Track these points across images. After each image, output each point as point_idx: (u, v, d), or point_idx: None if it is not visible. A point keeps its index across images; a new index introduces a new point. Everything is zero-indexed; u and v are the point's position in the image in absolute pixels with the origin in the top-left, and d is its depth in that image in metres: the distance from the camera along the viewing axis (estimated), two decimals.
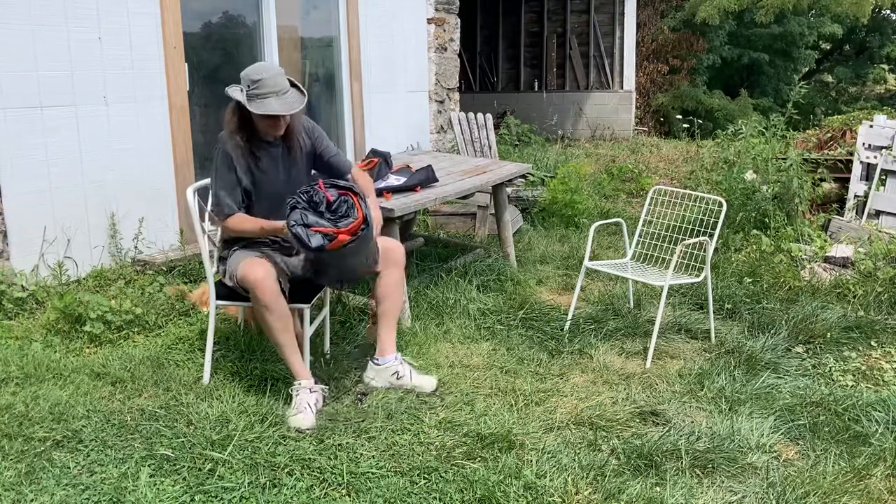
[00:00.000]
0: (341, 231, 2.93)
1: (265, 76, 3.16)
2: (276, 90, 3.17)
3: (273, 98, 3.17)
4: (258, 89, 3.15)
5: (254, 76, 3.16)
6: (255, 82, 3.15)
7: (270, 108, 3.16)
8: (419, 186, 4.35)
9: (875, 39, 17.76)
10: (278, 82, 3.19)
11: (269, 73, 3.18)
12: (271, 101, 3.16)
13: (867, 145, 6.63)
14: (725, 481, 2.76)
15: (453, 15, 7.82)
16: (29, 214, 4.46)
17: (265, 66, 3.27)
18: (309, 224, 2.92)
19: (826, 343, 4.02)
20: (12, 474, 2.65)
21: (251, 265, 3.14)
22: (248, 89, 3.16)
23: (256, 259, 3.19)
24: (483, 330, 4.13)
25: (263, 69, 3.20)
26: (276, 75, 3.19)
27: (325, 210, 2.97)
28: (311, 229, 2.91)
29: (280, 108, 3.18)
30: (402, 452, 2.87)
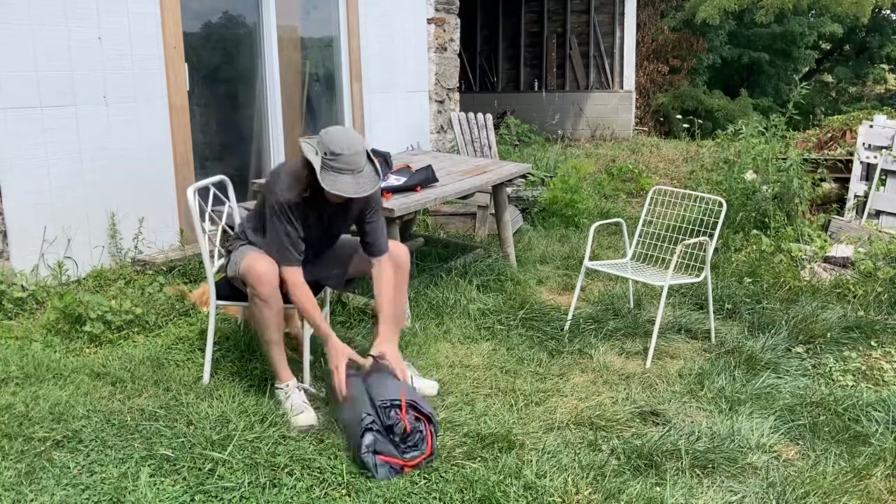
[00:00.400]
0: (407, 463, 2.79)
1: (346, 153, 2.96)
2: (352, 168, 2.99)
3: (349, 176, 2.98)
4: (335, 162, 2.96)
5: (334, 148, 2.97)
6: (334, 155, 2.96)
7: (343, 189, 2.97)
8: (419, 186, 4.35)
9: (875, 39, 17.76)
10: (357, 161, 3.00)
11: (351, 150, 2.98)
12: (346, 180, 2.98)
13: (867, 145, 6.63)
14: (725, 481, 2.76)
15: (453, 15, 7.82)
16: (29, 214, 4.46)
17: (348, 139, 3.02)
18: (379, 451, 2.75)
19: (826, 343, 4.02)
20: (12, 474, 2.65)
21: (256, 258, 3.12)
22: (324, 157, 2.97)
23: (262, 254, 3.18)
24: (483, 330, 4.13)
25: (346, 144, 2.99)
26: (357, 154, 3.00)
27: (399, 440, 2.81)
28: (380, 458, 2.75)
29: (352, 191, 2.99)
30: None
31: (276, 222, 3.10)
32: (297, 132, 6.29)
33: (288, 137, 6.12)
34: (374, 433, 2.76)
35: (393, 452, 2.76)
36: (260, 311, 3.11)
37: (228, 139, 5.94)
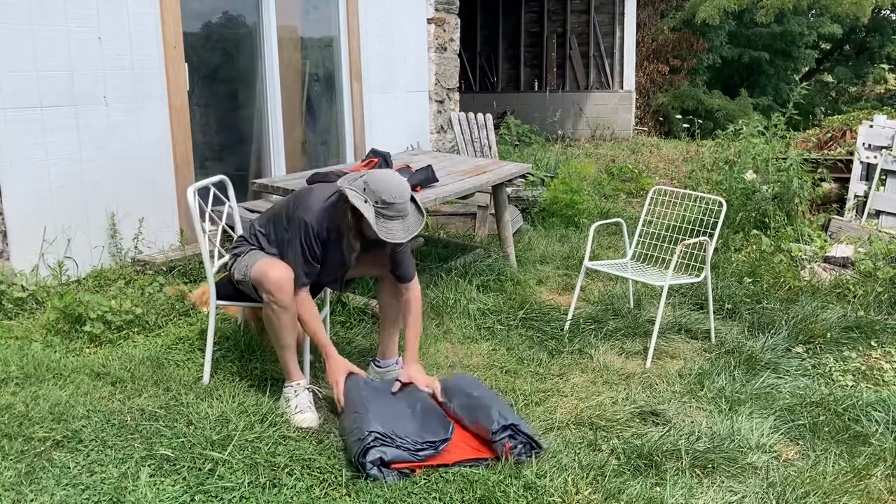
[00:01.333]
0: (418, 465, 2.77)
1: (397, 202, 2.99)
2: (402, 214, 3.03)
3: (398, 223, 3.03)
4: (387, 210, 2.99)
5: (386, 198, 2.98)
6: (386, 204, 2.98)
7: (395, 236, 3.01)
8: (419, 186, 4.35)
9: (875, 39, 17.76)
10: (407, 208, 3.05)
11: (402, 198, 3.01)
12: (396, 226, 3.02)
13: (867, 145, 6.63)
14: (725, 481, 2.76)
15: (453, 15, 7.82)
16: (29, 214, 4.46)
17: (398, 187, 3.03)
18: (389, 461, 2.71)
19: (826, 343, 4.02)
20: (12, 474, 2.65)
21: (271, 264, 3.12)
22: (375, 206, 2.98)
23: (275, 260, 3.17)
24: (483, 330, 4.13)
25: (397, 192, 3.00)
26: (406, 201, 3.04)
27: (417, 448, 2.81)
28: (392, 466, 2.73)
29: (404, 236, 3.04)
30: None
31: (298, 243, 3.09)
32: (297, 132, 6.30)
33: (288, 137, 6.12)
34: (377, 450, 2.71)
35: (405, 457, 2.75)
36: (278, 317, 3.11)
37: (228, 139, 5.94)
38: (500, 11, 14.40)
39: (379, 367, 3.46)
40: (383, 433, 2.76)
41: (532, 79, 14.21)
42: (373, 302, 4.03)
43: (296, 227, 3.09)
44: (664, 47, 14.59)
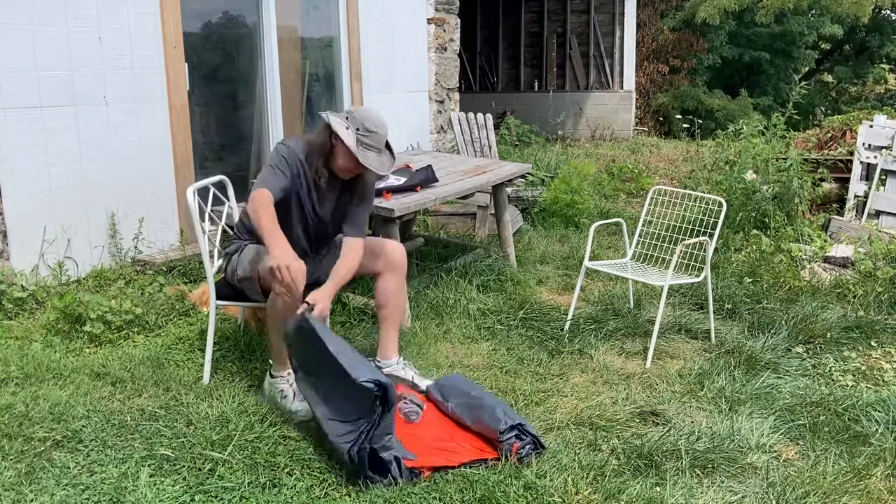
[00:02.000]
0: (426, 465, 2.75)
1: (379, 132, 3.16)
2: (379, 147, 3.19)
3: (375, 154, 3.17)
4: (367, 139, 3.13)
5: (369, 126, 3.14)
6: (368, 132, 3.13)
7: (373, 164, 3.15)
8: (419, 186, 4.35)
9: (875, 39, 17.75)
10: (384, 140, 3.21)
11: (383, 129, 3.19)
12: (373, 156, 3.16)
13: (867, 145, 6.63)
14: (725, 481, 2.76)
15: (453, 15, 7.82)
16: (29, 214, 4.46)
17: (379, 119, 3.21)
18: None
19: (826, 343, 4.02)
20: (12, 474, 2.65)
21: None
22: (357, 132, 3.13)
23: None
24: (483, 330, 4.13)
25: (379, 123, 3.18)
26: (385, 134, 3.21)
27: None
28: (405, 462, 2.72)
29: (380, 167, 3.18)
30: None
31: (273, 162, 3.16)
32: (297, 132, 6.29)
33: (288, 137, 6.12)
34: (362, 440, 2.63)
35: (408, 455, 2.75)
36: (286, 308, 3.08)
37: (228, 139, 5.94)
38: (500, 11, 14.40)
39: (379, 367, 3.45)
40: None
41: (532, 79, 14.21)
42: (372, 302, 4.03)
43: (276, 152, 3.20)
44: (664, 47, 14.59)
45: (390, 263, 3.43)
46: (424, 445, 2.87)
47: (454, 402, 3.10)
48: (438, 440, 2.93)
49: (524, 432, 2.84)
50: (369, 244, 3.47)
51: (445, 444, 2.89)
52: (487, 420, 2.90)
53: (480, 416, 2.95)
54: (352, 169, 3.19)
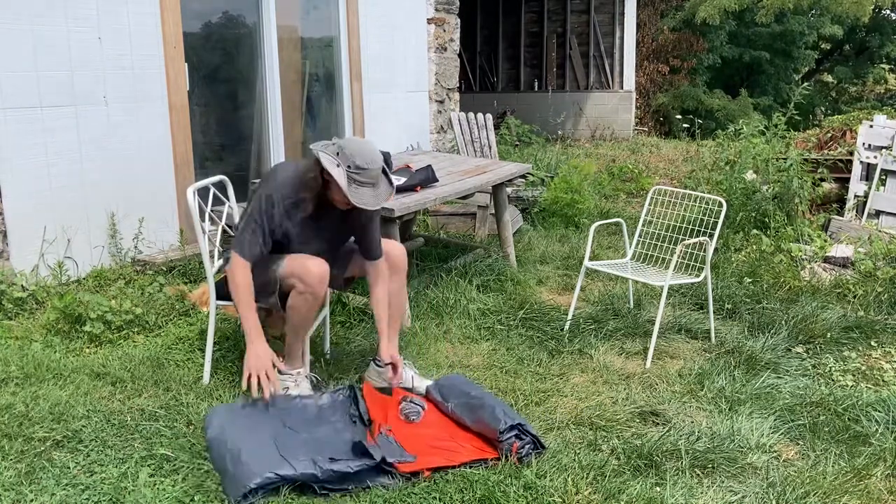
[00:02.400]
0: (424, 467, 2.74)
1: (371, 168, 3.02)
2: (373, 182, 3.06)
3: (369, 189, 3.05)
4: (359, 176, 3.01)
5: (359, 162, 3.00)
6: (359, 169, 3.00)
7: (365, 202, 3.03)
8: (419, 186, 4.35)
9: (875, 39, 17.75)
10: (378, 175, 3.08)
11: (375, 164, 3.04)
12: (367, 192, 3.04)
13: (867, 145, 6.63)
14: (725, 481, 2.76)
15: (453, 15, 7.82)
16: (29, 214, 4.46)
17: (371, 153, 3.06)
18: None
19: (826, 343, 4.02)
20: (12, 474, 2.65)
21: (304, 259, 3.14)
22: (348, 170, 3.00)
23: (306, 255, 3.18)
24: (483, 330, 4.12)
25: (370, 158, 3.03)
26: (378, 168, 3.07)
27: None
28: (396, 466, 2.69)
29: (373, 203, 3.06)
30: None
31: (255, 214, 3.09)
32: (297, 132, 6.30)
33: (288, 137, 6.12)
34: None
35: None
36: (309, 308, 3.14)
37: (228, 139, 5.94)
38: (500, 11, 14.40)
39: (379, 367, 3.45)
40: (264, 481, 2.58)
41: (532, 79, 14.21)
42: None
43: (261, 197, 3.10)
44: (664, 47, 14.59)
45: (391, 264, 3.43)
46: (425, 445, 2.87)
47: (454, 403, 3.10)
48: (439, 440, 2.93)
49: (524, 432, 2.83)
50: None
51: (446, 444, 2.89)
52: (487, 420, 2.90)
53: (481, 416, 2.95)
54: (348, 203, 3.07)
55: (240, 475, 2.57)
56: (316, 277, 3.09)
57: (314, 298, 3.12)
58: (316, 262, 3.14)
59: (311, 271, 3.09)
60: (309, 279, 3.08)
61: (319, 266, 3.12)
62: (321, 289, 3.12)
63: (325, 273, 3.12)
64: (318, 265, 3.12)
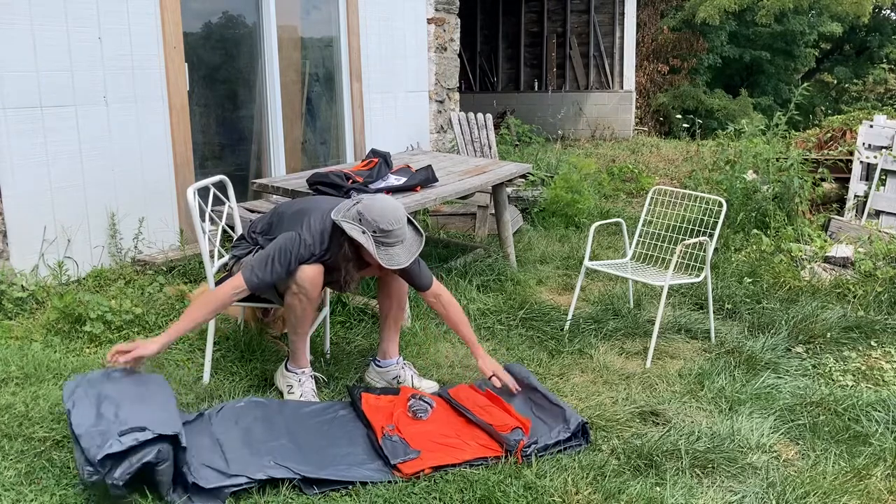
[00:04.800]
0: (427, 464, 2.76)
1: (396, 228, 3.01)
2: (401, 239, 3.05)
3: (399, 247, 3.05)
4: (386, 238, 3.01)
5: (384, 226, 2.99)
6: (384, 232, 3.00)
7: (399, 262, 3.04)
8: (419, 186, 4.35)
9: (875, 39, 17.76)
10: (405, 232, 3.07)
11: (399, 223, 3.03)
12: (397, 252, 3.04)
13: (867, 145, 6.63)
14: (725, 481, 2.76)
15: (453, 15, 7.82)
16: (29, 214, 4.46)
17: (394, 212, 3.04)
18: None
19: (826, 343, 4.02)
20: (12, 474, 2.65)
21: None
22: (374, 235, 3.00)
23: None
24: (483, 330, 4.13)
25: (393, 218, 3.02)
26: (404, 225, 3.07)
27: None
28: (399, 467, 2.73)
29: (406, 260, 3.06)
30: None
31: (281, 253, 3.05)
32: (297, 132, 6.30)
33: (288, 137, 6.12)
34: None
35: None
36: (303, 308, 3.14)
37: (228, 139, 5.94)
38: (500, 11, 14.40)
39: (379, 367, 3.46)
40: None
41: (532, 79, 14.21)
42: (373, 302, 4.03)
43: (291, 239, 3.07)
44: (664, 47, 14.59)
45: None
46: (429, 442, 2.88)
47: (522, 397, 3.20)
48: (444, 437, 2.93)
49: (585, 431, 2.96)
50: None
51: (451, 441, 2.90)
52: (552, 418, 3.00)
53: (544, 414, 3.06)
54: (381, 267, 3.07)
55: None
56: (308, 280, 3.09)
57: (308, 299, 3.12)
58: (310, 267, 3.13)
59: (304, 273, 3.09)
60: (301, 280, 3.08)
61: (313, 268, 3.11)
62: (314, 290, 3.11)
63: (318, 275, 3.11)
64: (312, 267, 3.12)
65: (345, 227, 3.02)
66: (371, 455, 2.82)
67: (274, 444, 2.81)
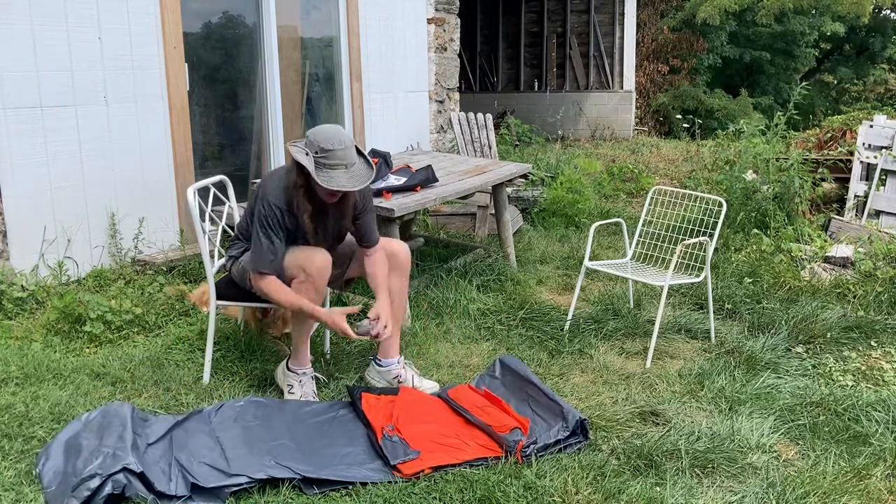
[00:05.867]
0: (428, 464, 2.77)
1: (336, 148, 2.99)
2: (345, 163, 3.02)
3: (342, 171, 3.01)
4: (327, 159, 2.99)
5: (325, 145, 2.99)
6: (324, 152, 2.99)
7: (339, 184, 3.00)
8: (419, 186, 4.35)
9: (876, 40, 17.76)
10: (349, 155, 3.04)
11: (341, 145, 3.01)
12: (340, 175, 3.01)
13: (867, 145, 6.63)
14: (725, 481, 2.76)
15: (453, 15, 7.82)
16: (29, 214, 4.46)
17: (337, 135, 3.04)
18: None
19: (826, 343, 4.02)
20: (12, 474, 2.65)
21: (309, 251, 3.15)
22: (315, 156, 3.00)
23: (311, 248, 3.18)
24: (483, 330, 4.13)
25: (335, 139, 3.01)
26: (347, 148, 3.04)
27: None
28: (399, 467, 2.74)
29: (348, 184, 3.03)
30: None
31: (260, 229, 3.10)
32: (297, 132, 6.29)
33: (288, 137, 6.12)
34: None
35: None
36: (309, 299, 3.13)
37: (228, 139, 5.94)
38: (500, 11, 14.40)
39: (380, 367, 3.46)
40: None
41: (532, 79, 14.21)
42: (373, 302, 4.03)
43: (259, 213, 3.12)
44: (664, 47, 14.59)
45: (395, 263, 3.43)
46: (429, 442, 2.88)
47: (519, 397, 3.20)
48: (444, 437, 2.93)
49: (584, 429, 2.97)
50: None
51: (450, 441, 2.90)
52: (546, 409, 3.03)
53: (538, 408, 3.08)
54: (331, 193, 3.06)
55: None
56: (317, 268, 3.09)
57: (315, 290, 3.11)
58: (319, 252, 3.15)
59: (313, 261, 3.09)
60: (310, 269, 3.08)
61: (322, 257, 3.12)
62: (322, 279, 3.11)
63: (327, 264, 3.12)
64: (322, 256, 3.13)
65: (291, 150, 3.05)
66: (371, 455, 2.83)
67: (274, 443, 2.81)
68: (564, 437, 2.90)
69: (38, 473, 2.62)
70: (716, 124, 12.94)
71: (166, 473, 2.61)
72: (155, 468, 2.61)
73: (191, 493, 2.54)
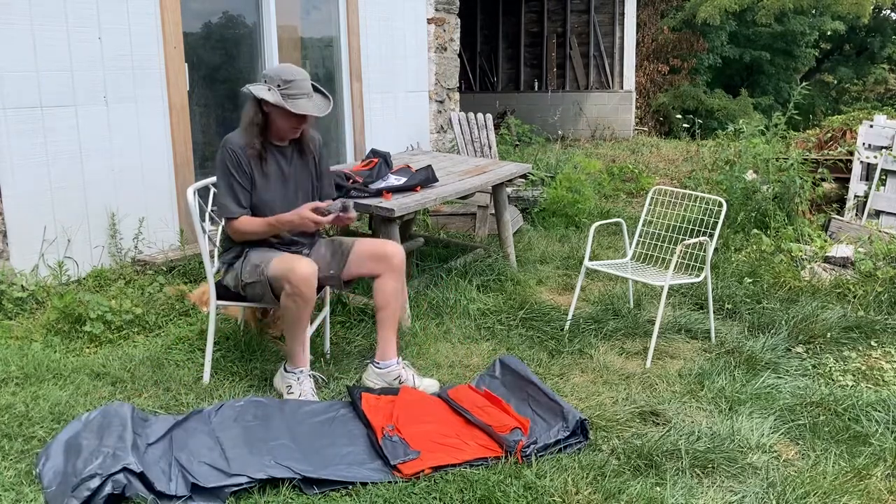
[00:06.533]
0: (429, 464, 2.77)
1: (297, 78, 3.17)
2: (306, 92, 3.20)
3: (305, 100, 3.19)
4: (290, 89, 3.15)
5: (286, 76, 3.16)
6: (287, 82, 3.15)
7: (306, 109, 3.17)
8: (419, 186, 4.35)
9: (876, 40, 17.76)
10: (308, 85, 3.22)
11: (301, 75, 3.20)
12: (304, 102, 3.18)
13: (867, 145, 6.63)
14: (725, 481, 2.76)
15: (453, 15, 7.82)
16: (29, 214, 4.46)
17: (294, 67, 3.26)
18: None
19: (826, 343, 4.02)
20: (12, 474, 2.65)
21: (293, 260, 3.16)
22: (279, 89, 3.15)
23: (293, 256, 3.22)
24: (483, 330, 4.12)
25: (295, 70, 3.21)
26: (306, 78, 3.22)
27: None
28: (399, 467, 2.74)
29: (315, 110, 3.21)
30: None
31: (221, 176, 3.23)
32: None
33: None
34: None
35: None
36: (299, 309, 3.15)
37: None
38: (500, 11, 14.40)
39: (378, 368, 3.45)
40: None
41: (532, 79, 14.21)
42: (373, 302, 4.03)
43: (221, 160, 3.23)
44: (664, 47, 14.59)
45: (390, 265, 3.42)
46: (429, 442, 2.88)
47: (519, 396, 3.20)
48: (444, 437, 2.93)
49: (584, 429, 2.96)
50: (369, 245, 3.47)
51: (450, 441, 2.90)
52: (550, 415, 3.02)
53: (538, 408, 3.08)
54: (294, 124, 3.22)
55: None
56: (301, 278, 3.08)
57: (302, 299, 3.11)
58: (303, 262, 3.15)
59: (295, 272, 3.09)
60: (294, 279, 3.08)
61: (305, 266, 3.12)
62: (307, 286, 3.10)
63: (311, 274, 3.11)
64: (305, 265, 3.13)
65: (252, 90, 3.18)
66: (371, 455, 2.83)
67: (274, 443, 2.81)
68: (564, 437, 2.89)
69: (38, 473, 2.62)
70: (716, 124, 12.94)
71: (166, 473, 2.61)
72: (155, 468, 2.61)
73: (191, 493, 2.54)
